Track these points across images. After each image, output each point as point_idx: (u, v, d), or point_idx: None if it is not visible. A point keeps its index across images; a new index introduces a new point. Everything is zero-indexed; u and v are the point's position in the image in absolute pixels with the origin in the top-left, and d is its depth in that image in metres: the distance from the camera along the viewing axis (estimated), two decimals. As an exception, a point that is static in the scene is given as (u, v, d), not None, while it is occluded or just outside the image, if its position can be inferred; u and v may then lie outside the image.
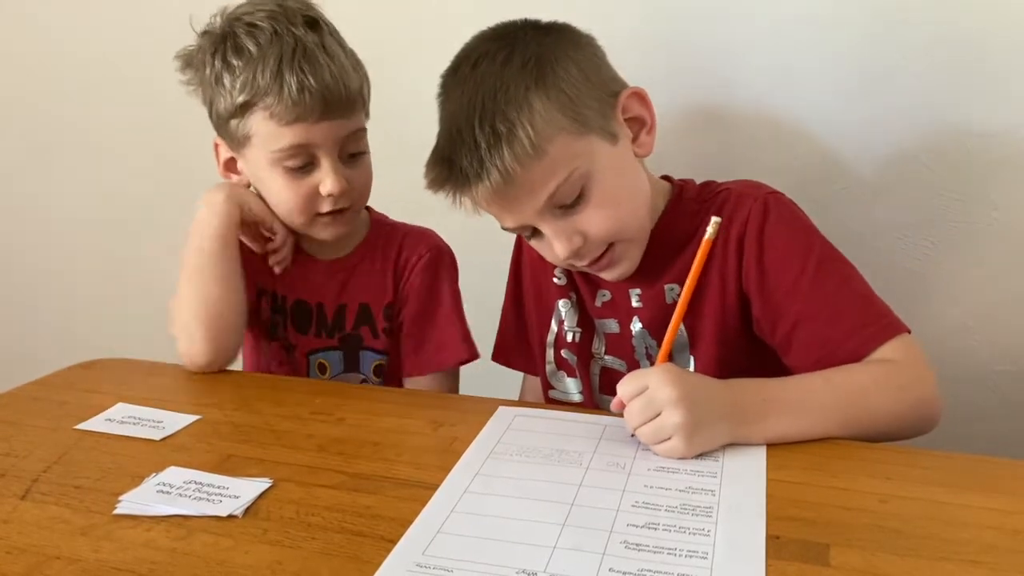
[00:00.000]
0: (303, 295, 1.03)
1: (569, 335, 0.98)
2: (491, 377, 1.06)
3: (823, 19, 1.09)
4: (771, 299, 0.84)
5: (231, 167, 0.99)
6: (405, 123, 1.06)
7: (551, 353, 1.00)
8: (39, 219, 1.63)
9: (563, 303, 0.98)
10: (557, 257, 0.86)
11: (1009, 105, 1.05)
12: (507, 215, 0.84)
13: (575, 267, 0.90)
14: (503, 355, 1.07)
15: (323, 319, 1.03)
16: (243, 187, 0.99)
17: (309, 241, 1.02)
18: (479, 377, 1.04)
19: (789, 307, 0.82)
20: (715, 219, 0.79)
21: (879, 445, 0.74)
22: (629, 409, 0.72)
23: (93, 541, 0.60)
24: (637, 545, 0.58)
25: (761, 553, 0.57)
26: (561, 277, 0.97)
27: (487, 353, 1.07)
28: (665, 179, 0.95)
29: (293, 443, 0.76)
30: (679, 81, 1.15)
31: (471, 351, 1.02)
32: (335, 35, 0.95)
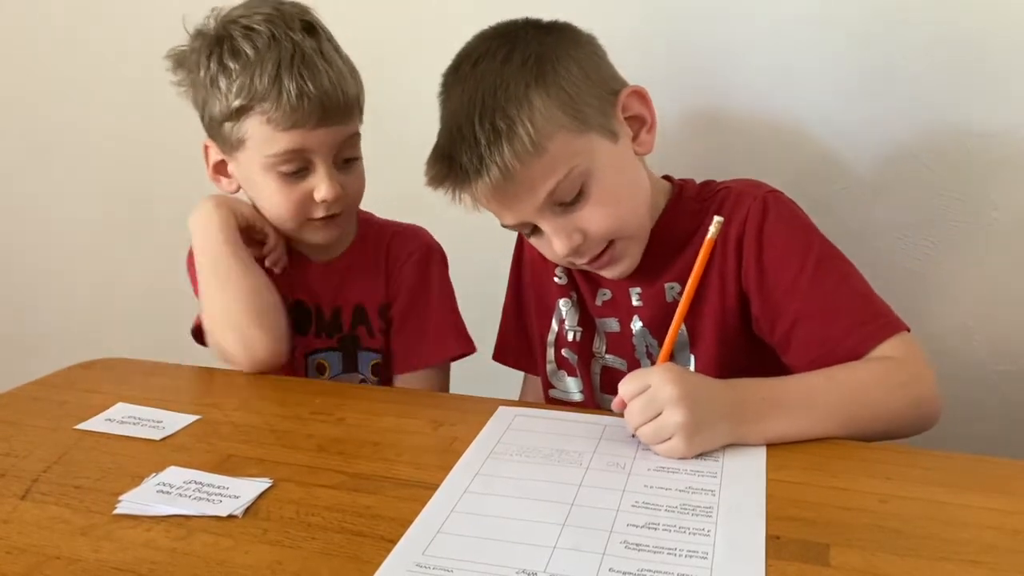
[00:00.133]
0: (302, 296, 1.03)
1: (570, 334, 0.98)
2: (491, 377, 1.06)
3: (823, 19, 1.08)
4: (770, 297, 0.84)
5: (221, 170, 0.98)
6: (405, 123, 1.06)
7: (552, 352, 1.00)
8: (39, 219, 1.63)
9: (564, 302, 0.98)
10: (556, 255, 0.86)
11: (1009, 105, 1.05)
12: (507, 212, 0.84)
13: (575, 265, 0.90)
14: (504, 354, 1.07)
15: (321, 320, 1.03)
16: (229, 195, 0.98)
17: (299, 243, 1.02)
18: (479, 377, 1.04)
19: (788, 305, 0.82)
20: (718, 218, 0.79)
21: (879, 445, 0.74)
22: (630, 408, 0.72)
23: (93, 541, 0.60)
24: (637, 545, 0.58)
25: (761, 553, 0.57)
26: (562, 276, 0.97)
27: (487, 353, 1.07)
28: (665, 179, 0.95)
29: (293, 443, 0.76)
30: (679, 81, 1.15)
31: (466, 345, 1.02)
32: (332, 41, 0.94)
